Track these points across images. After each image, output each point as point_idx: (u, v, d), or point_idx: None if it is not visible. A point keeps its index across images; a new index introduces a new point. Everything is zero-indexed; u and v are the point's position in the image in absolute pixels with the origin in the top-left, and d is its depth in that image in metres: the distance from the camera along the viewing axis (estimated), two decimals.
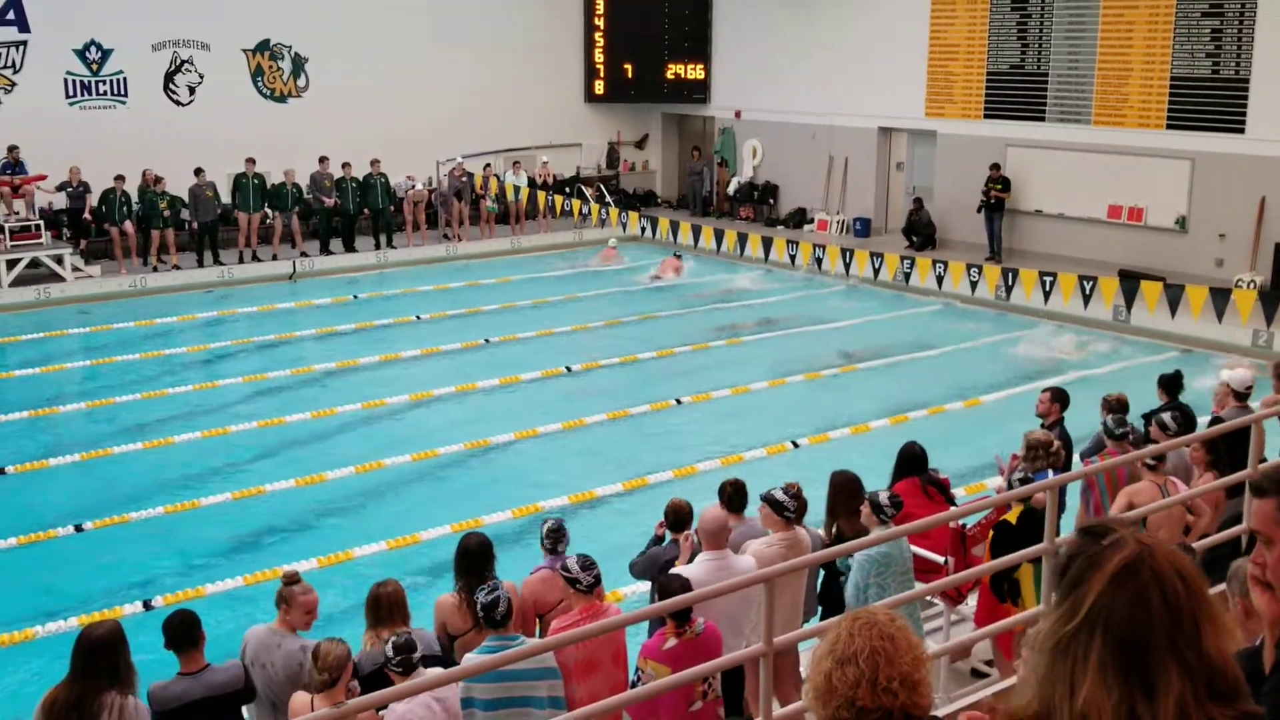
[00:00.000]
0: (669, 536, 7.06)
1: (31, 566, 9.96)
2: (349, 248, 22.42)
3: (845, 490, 7.19)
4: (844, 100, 23.57)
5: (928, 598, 7.48)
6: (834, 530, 7.21)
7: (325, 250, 22.16)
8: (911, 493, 7.85)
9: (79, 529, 10.55)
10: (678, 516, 7.06)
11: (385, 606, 5.80)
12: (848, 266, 20.43)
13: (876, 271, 19.98)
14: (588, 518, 10.80)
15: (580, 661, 5.73)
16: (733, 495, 7.24)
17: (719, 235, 22.09)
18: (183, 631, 5.47)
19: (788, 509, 6.67)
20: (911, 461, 8.08)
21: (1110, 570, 2.09)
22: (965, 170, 21.30)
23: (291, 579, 5.94)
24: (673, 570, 6.24)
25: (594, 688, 5.71)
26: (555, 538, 6.70)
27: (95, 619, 8.21)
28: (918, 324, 18.35)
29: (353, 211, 22.36)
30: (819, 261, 20.93)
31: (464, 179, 23.46)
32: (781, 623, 6.07)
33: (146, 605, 9.07)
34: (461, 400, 14.42)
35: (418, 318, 18.47)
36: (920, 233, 21.89)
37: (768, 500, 6.70)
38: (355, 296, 19.97)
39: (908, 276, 19.60)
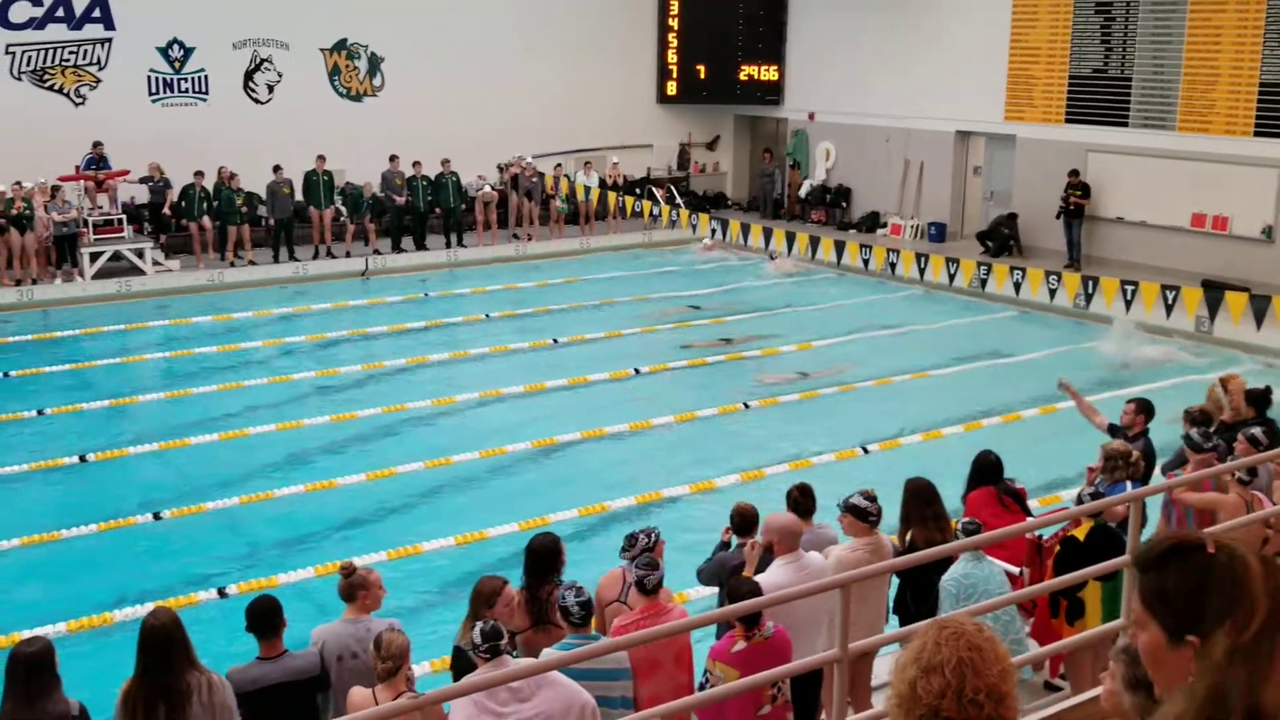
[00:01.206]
0: (735, 541, 6.99)
1: (111, 552, 10.16)
2: (420, 246, 22.63)
3: (919, 497, 7.07)
4: (920, 103, 23.30)
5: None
6: (907, 538, 7.09)
7: (397, 248, 22.38)
8: (986, 502, 7.73)
9: (157, 516, 10.77)
10: (743, 520, 7.00)
11: (486, 599, 5.80)
12: (922, 271, 20.20)
13: (952, 277, 19.72)
14: (654, 519, 10.72)
15: (643, 661, 5.71)
16: (799, 500, 7.15)
17: (790, 238, 21.93)
18: (266, 617, 5.56)
19: (871, 515, 6.60)
20: (987, 470, 7.94)
21: (1262, 571, 2.13)
22: (1045, 175, 20.93)
23: (349, 569, 6.02)
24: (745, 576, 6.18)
25: (655, 687, 5.69)
26: (634, 544, 6.60)
27: (177, 605, 8.39)
28: (994, 330, 18.07)
29: (424, 210, 22.56)
30: (892, 266, 20.72)
31: (534, 179, 23.55)
32: (863, 629, 6.00)
33: (221, 593, 9.22)
34: (529, 399, 14.46)
35: (487, 316, 18.57)
36: (999, 240, 21.49)
37: (850, 509, 6.63)
38: (426, 294, 20.12)
39: (984, 282, 19.32)
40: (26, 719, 4.87)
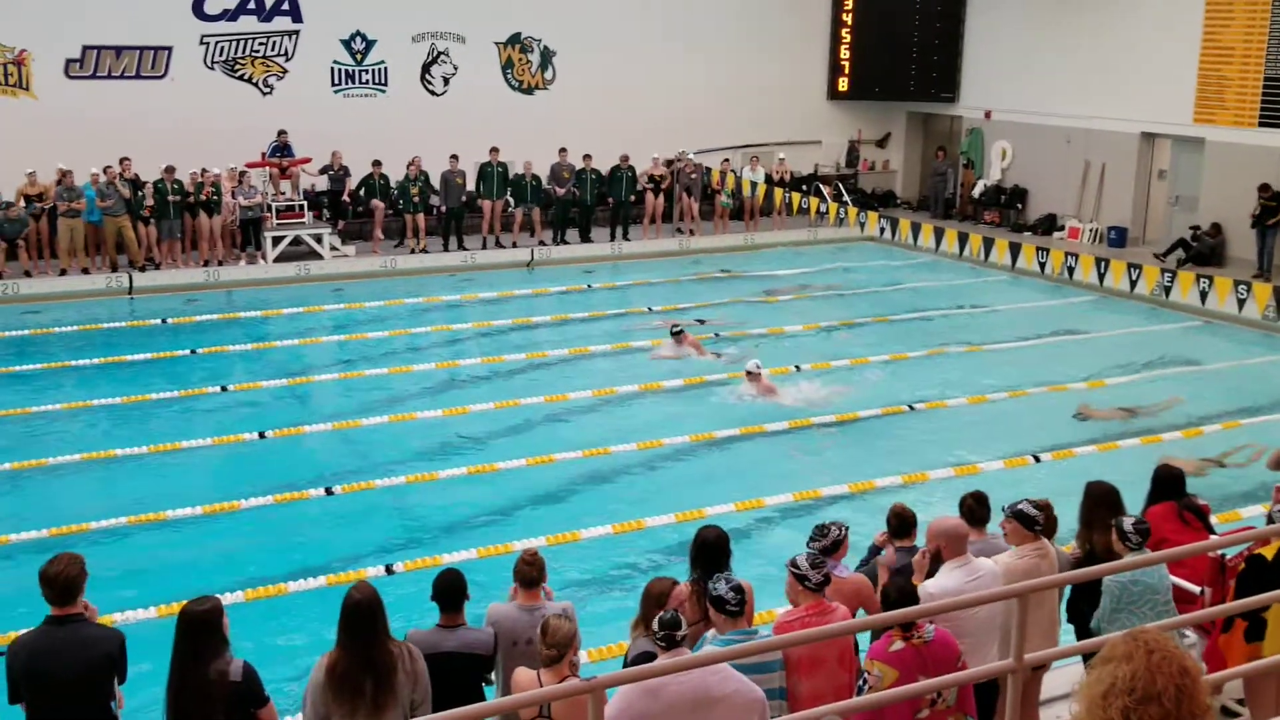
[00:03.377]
0: (885, 550, 6.83)
1: (285, 525, 10.55)
2: (585, 238, 22.87)
3: (1102, 503, 6.78)
4: (1104, 103, 22.42)
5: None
6: (1088, 545, 6.79)
7: (561, 240, 22.67)
8: (1167, 517, 7.37)
9: (329, 492, 11.13)
10: (900, 522, 6.88)
11: (656, 600, 5.80)
12: (1101, 277, 19.44)
13: (1133, 284, 18.91)
14: (812, 517, 10.57)
15: (806, 657, 5.64)
16: (974, 507, 6.96)
17: (962, 239, 21.39)
18: (452, 590, 5.67)
19: (1038, 523, 6.40)
20: (1168, 484, 7.56)
21: None
22: (1235, 181, 19.88)
23: (533, 556, 6.10)
24: (920, 584, 6.03)
25: (817, 685, 5.62)
26: (825, 535, 6.50)
27: (346, 579, 8.68)
28: (1176, 340, 17.25)
29: (590, 203, 22.78)
30: (1070, 270, 20.00)
31: (694, 174, 23.53)
32: (1036, 639, 5.80)
33: (388, 570, 9.46)
34: (688, 393, 14.44)
35: (649, 309, 18.63)
36: (1201, 250, 20.48)
37: (1017, 515, 6.44)
38: (589, 286, 20.31)
39: (1167, 290, 18.46)
40: (193, 675, 5.03)
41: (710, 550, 6.12)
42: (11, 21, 20.51)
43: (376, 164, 21.33)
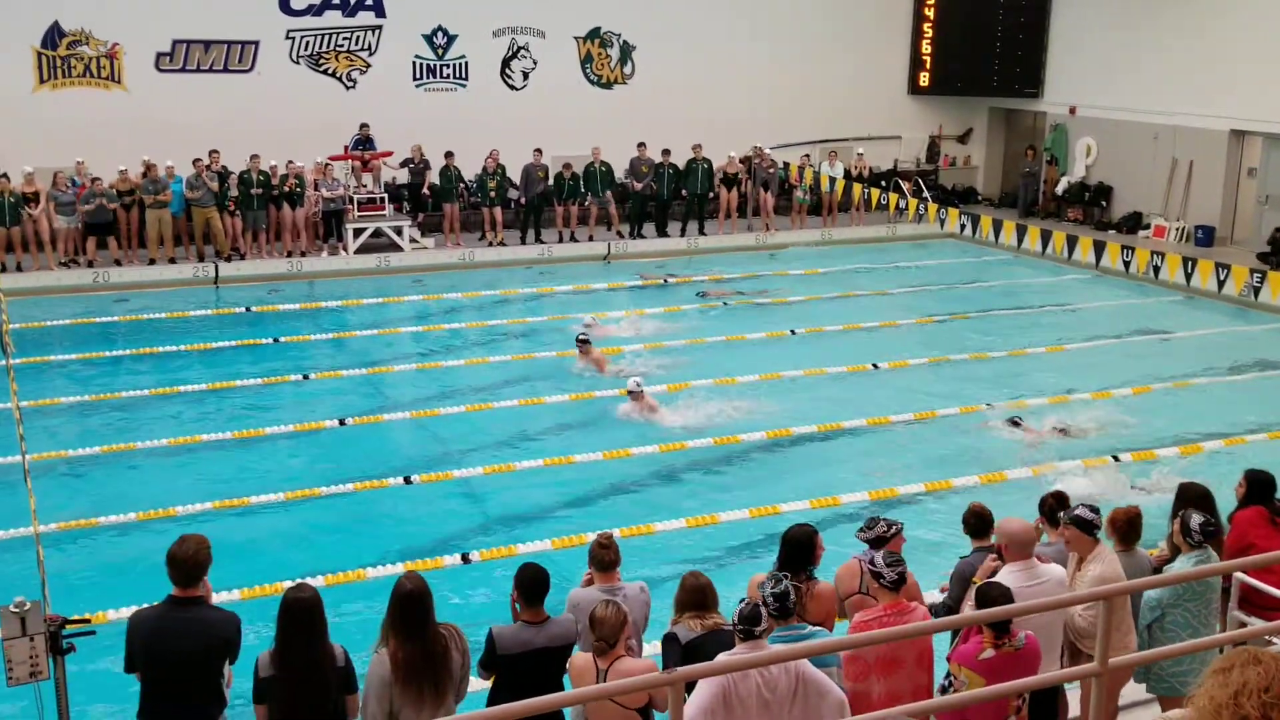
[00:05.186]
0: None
1: (365, 512, 10.72)
2: (661, 232, 22.87)
3: (1193, 504, 6.66)
4: (1192, 99, 21.89)
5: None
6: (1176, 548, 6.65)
7: (637, 233, 22.70)
8: (1257, 523, 7.18)
9: (408, 481, 11.28)
10: (979, 521, 6.80)
11: (707, 594, 5.80)
12: (1188, 276, 18.99)
13: (1221, 284, 18.45)
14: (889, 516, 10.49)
15: (883, 658, 5.58)
16: (1054, 506, 6.93)
17: (1045, 236, 21.04)
18: (536, 583, 5.69)
19: (1096, 526, 6.34)
20: (1258, 488, 7.36)
21: None
22: None
23: (608, 540, 6.17)
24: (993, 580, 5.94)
25: (894, 686, 5.57)
26: (873, 527, 6.48)
27: (424, 567, 8.79)
28: (1266, 342, 16.78)
29: (667, 197, 22.77)
30: (1155, 270, 19.56)
31: (770, 169, 23.40)
32: (1115, 643, 5.71)
33: (464, 558, 9.56)
34: (765, 389, 14.36)
35: (725, 304, 18.58)
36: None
37: (1073, 521, 6.38)
38: (665, 280, 20.30)
39: (1256, 291, 17.98)
40: (304, 660, 5.15)
41: (797, 548, 6.13)
42: (105, 16, 21.03)
43: (449, 155, 21.50)
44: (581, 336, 14.95)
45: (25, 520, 8.38)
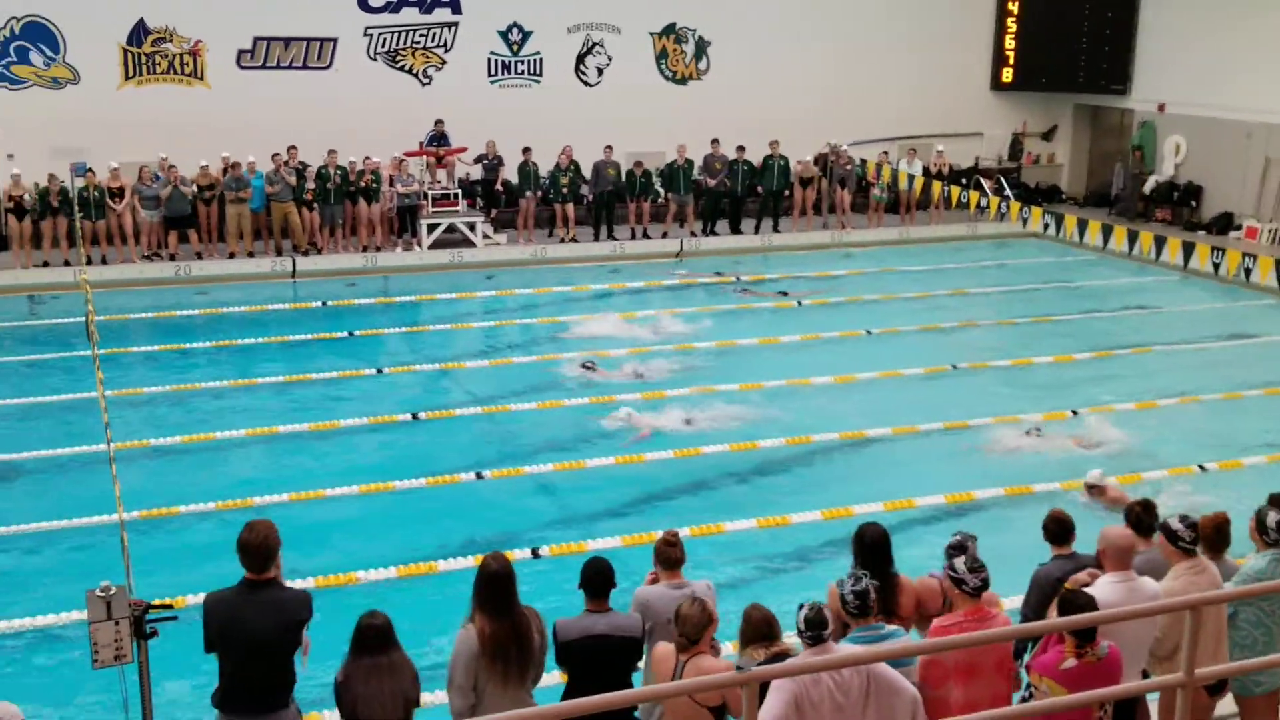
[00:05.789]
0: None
1: (436, 506, 10.75)
2: (734, 229, 22.71)
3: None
4: None
5: None
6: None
7: (711, 230, 22.56)
8: None
9: (479, 476, 11.30)
10: (1059, 528, 6.63)
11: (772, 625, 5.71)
12: None
13: None
14: (964, 522, 10.27)
15: (961, 664, 5.47)
16: (1141, 515, 6.69)
17: (1132, 236, 20.54)
18: (600, 577, 5.73)
19: (1182, 538, 6.13)
20: None
21: None
22: None
23: (674, 538, 6.10)
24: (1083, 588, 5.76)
25: (974, 693, 5.46)
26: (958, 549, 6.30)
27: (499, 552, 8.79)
28: None
29: (741, 194, 22.60)
30: (1246, 272, 19.00)
31: (848, 166, 23.11)
32: (1206, 654, 5.56)
33: (535, 553, 9.53)
34: (839, 390, 14.19)
35: (799, 303, 18.38)
36: None
37: (1162, 529, 6.22)
38: (738, 278, 20.14)
39: None
40: (378, 680, 5.26)
41: (872, 548, 6.05)
42: (189, 13, 21.39)
43: (526, 150, 21.55)
44: (586, 364, 14.65)
45: (110, 507, 8.56)
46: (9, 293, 18.34)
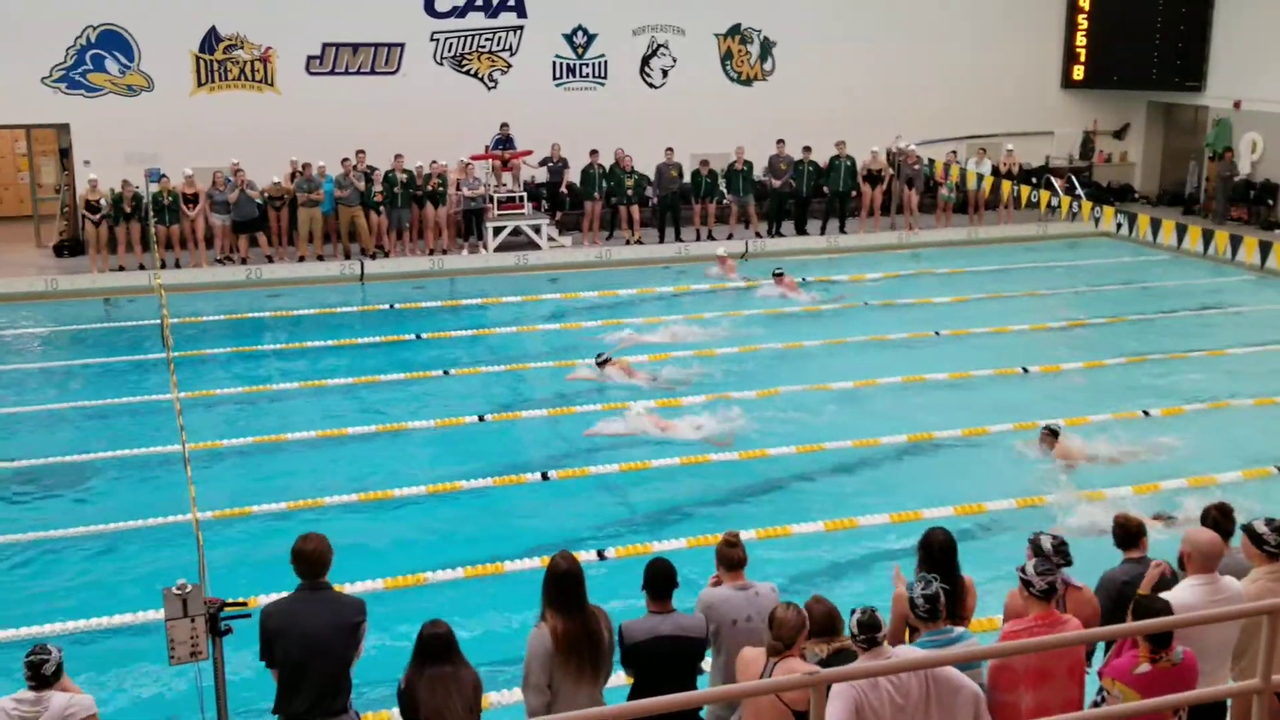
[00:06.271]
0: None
1: (503, 507, 10.83)
2: (800, 230, 22.58)
3: None
4: None
5: None
6: None
7: (775, 232, 22.45)
8: None
9: (545, 477, 11.36)
10: (1126, 533, 6.58)
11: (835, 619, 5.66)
12: None
13: None
14: (1035, 524, 10.10)
15: (1032, 669, 5.43)
16: (1219, 519, 6.63)
17: (1207, 236, 20.11)
18: (663, 577, 5.75)
19: (1267, 543, 6.04)
20: None
21: None
22: None
23: (735, 539, 6.10)
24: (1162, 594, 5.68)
25: (1044, 698, 5.43)
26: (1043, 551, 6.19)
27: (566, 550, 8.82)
28: None
29: (807, 194, 22.47)
30: None
31: (915, 166, 22.88)
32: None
33: (600, 555, 9.55)
34: (907, 391, 14.05)
35: (865, 304, 18.24)
36: None
37: (1246, 531, 6.14)
38: (803, 280, 20.01)
39: None
40: (445, 685, 5.31)
41: (938, 553, 6.01)
42: (259, 20, 21.76)
43: (593, 153, 21.62)
44: (600, 358, 14.53)
45: (185, 508, 8.73)
46: (85, 296, 18.79)
